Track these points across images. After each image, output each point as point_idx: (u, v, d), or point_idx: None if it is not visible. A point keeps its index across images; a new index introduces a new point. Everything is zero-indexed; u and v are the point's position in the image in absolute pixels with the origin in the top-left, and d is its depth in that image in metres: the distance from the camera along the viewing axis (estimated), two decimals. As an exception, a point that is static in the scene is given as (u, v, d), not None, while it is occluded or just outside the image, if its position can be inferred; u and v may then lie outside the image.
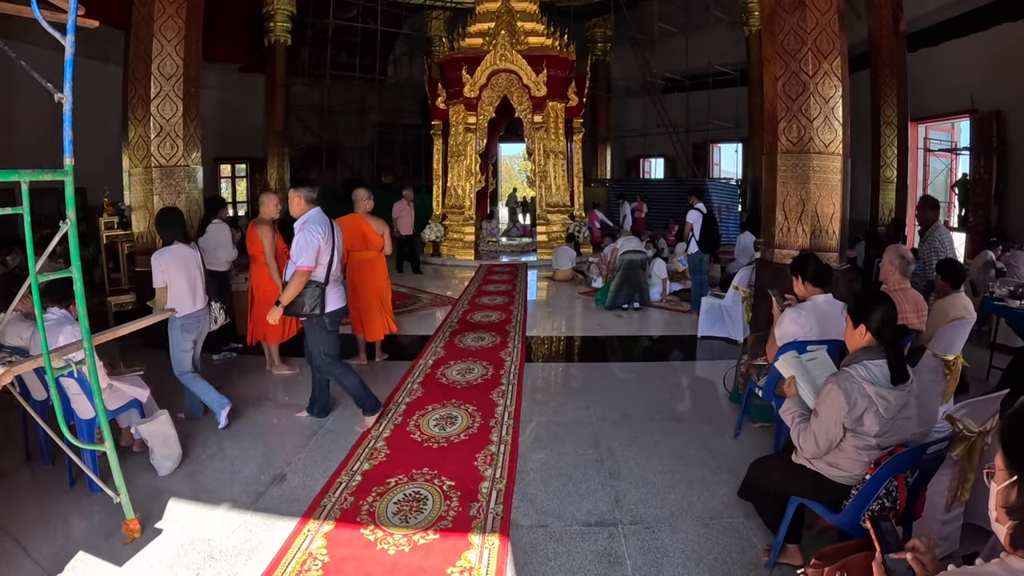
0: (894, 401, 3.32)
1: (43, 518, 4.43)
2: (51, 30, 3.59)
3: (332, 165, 26.35)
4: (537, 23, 18.08)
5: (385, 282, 8.10)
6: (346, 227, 7.32)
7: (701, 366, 8.29)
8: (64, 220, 3.62)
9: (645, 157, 29.83)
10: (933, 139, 17.77)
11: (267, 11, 22.57)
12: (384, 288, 8.07)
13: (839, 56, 7.86)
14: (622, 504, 4.51)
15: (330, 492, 4.67)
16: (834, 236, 8.04)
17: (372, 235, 7.82)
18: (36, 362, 3.74)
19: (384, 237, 7.88)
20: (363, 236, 7.80)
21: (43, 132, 14.53)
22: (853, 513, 3.34)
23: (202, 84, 9.27)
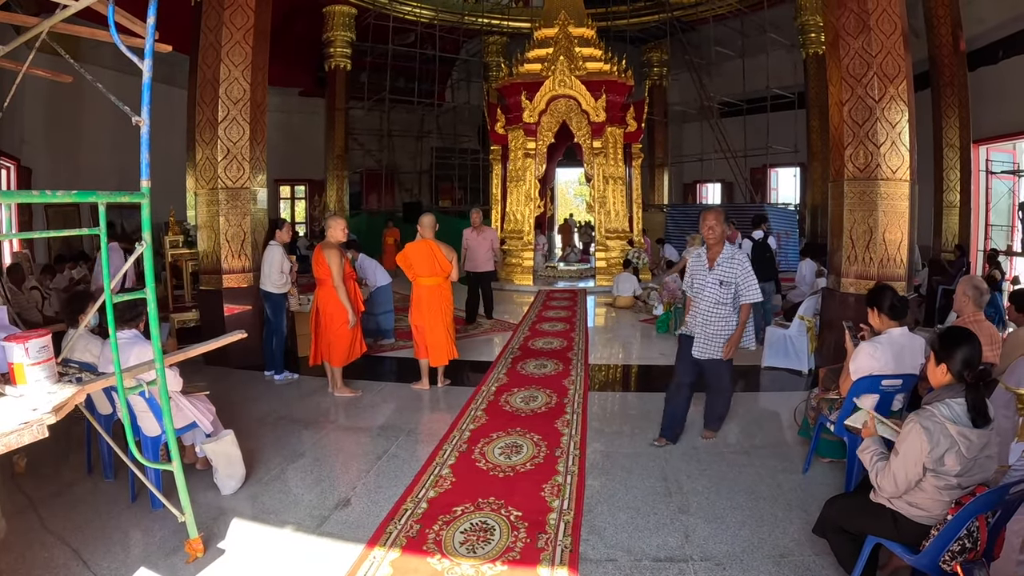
0: (976, 440, 3.22)
1: (104, 533, 4.47)
2: (130, 55, 3.65)
3: (391, 188, 26.60)
4: (595, 48, 18.10)
5: (451, 308, 8.13)
6: (417, 252, 7.90)
7: (765, 397, 8.15)
8: (138, 241, 3.65)
9: (702, 182, 29.63)
10: (994, 160, 17.40)
11: (327, 37, 23.02)
12: (450, 314, 8.10)
13: (905, 80, 7.77)
14: (692, 539, 4.43)
15: (395, 519, 4.64)
16: (902, 265, 7.90)
17: (443, 260, 7.90)
18: (107, 380, 3.77)
19: (452, 263, 7.94)
20: (434, 261, 7.89)
21: (109, 149, 14.99)
22: (933, 554, 3.23)
23: (267, 107, 9.42)
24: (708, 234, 5.90)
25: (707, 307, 5.92)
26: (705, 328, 5.96)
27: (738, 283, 5.86)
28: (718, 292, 5.88)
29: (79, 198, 3.37)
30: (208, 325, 8.93)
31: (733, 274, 5.85)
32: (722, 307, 5.90)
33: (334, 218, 7.75)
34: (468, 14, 25.35)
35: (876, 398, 4.94)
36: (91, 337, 5.29)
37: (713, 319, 5.92)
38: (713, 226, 5.88)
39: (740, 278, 5.85)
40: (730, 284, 5.86)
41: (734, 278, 5.85)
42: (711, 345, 5.96)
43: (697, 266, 6.11)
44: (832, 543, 3.88)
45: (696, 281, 6.08)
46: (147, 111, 3.65)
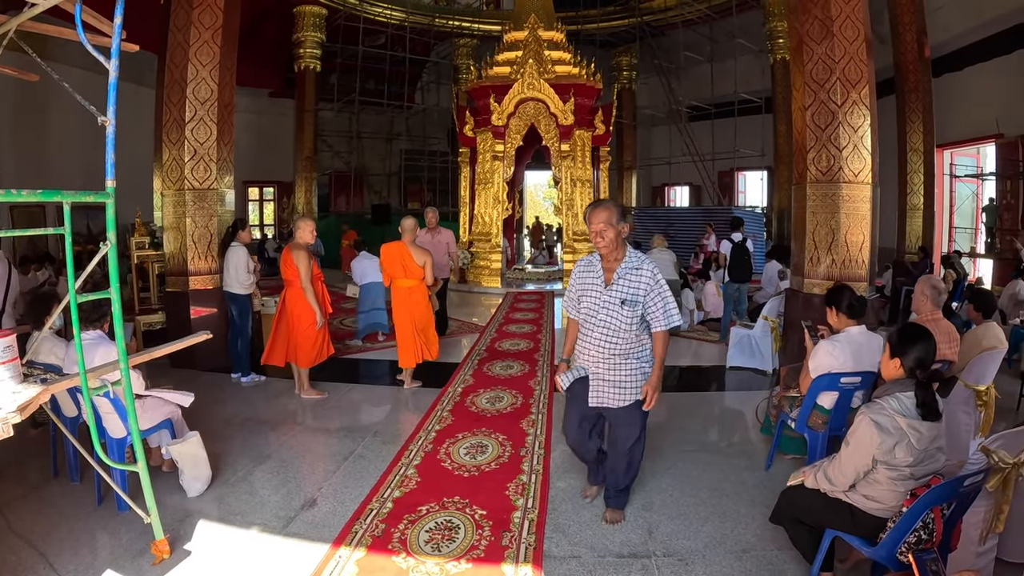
0: (927, 433, 3.30)
1: (71, 535, 4.44)
2: (97, 54, 3.65)
3: (360, 190, 26.55)
4: (564, 52, 18.18)
5: (423, 310, 8.11)
6: (388, 254, 8.01)
7: (730, 397, 8.25)
8: (102, 241, 3.65)
9: (670, 185, 29.81)
10: (958, 164, 17.72)
11: (297, 38, 22.95)
12: (421, 316, 8.08)
13: (867, 85, 7.88)
14: (655, 536, 4.48)
15: (361, 519, 4.66)
16: (863, 266, 8.01)
17: (411, 264, 7.90)
18: (72, 381, 3.75)
19: (425, 268, 7.92)
20: (403, 265, 7.92)
21: (76, 149, 14.87)
22: (890, 546, 3.30)
23: (235, 108, 9.37)
24: (598, 241, 4.34)
25: (604, 336, 4.40)
26: (603, 365, 4.46)
27: (647, 303, 4.35)
28: (619, 315, 4.34)
29: (44, 198, 3.36)
30: (174, 327, 8.86)
31: (639, 290, 4.32)
32: (625, 335, 4.39)
33: (303, 219, 7.74)
34: (439, 16, 25.35)
35: (836, 396, 5.03)
36: (56, 339, 5.27)
37: (614, 353, 4.42)
38: (603, 230, 4.30)
39: (650, 296, 4.34)
40: (635, 304, 4.33)
41: (640, 295, 4.32)
42: (614, 390, 4.46)
43: (587, 280, 4.55)
44: (790, 533, 3.94)
45: (587, 301, 4.52)
46: (113, 111, 3.65)
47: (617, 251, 4.43)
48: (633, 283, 4.37)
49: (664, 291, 4.40)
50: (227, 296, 8.38)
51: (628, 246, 4.51)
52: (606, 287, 4.46)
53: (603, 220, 4.31)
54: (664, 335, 4.48)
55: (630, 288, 4.37)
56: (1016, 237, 14.27)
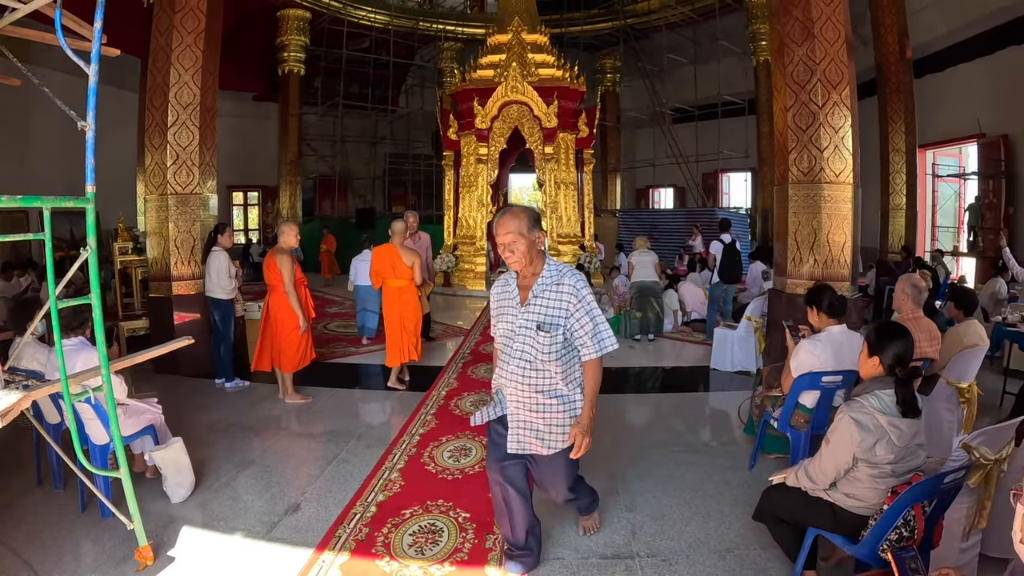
0: (907, 429, 3.32)
1: (55, 543, 4.42)
2: (76, 59, 3.64)
3: (344, 195, 26.51)
4: (548, 55, 18.20)
5: (410, 310, 8.30)
6: (379, 256, 8.36)
7: (715, 397, 8.27)
8: (84, 247, 3.64)
9: (655, 187, 29.89)
10: (941, 164, 17.85)
11: (281, 41, 22.91)
12: (408, 316, 8.26)
13: (848, 86, 7.93)
14: (639, 537, 4.49)
15: (345, 523, 4.65)
16: (845, 265, 8.05)
17: (400, 265, 8.16)
18: (53, 387, 3.74)
19: (414, 268, 8.17)
20: (392, 266, 8.19)
21: (59, 153, 14.79)
22: (871, 544, 3.32)
23: (217, 112, 9.36)
24: (508, 256, 3.63)
25: (521, 369, 3.68)
26: (523, 405, 3.75)
27: (572, 326, 3.64)
28: (536, 343, 3.63)
29: (24, 203, 3.35)
30: (158, 333, 8.83)
31: (559, 310, 3.61)
32: (546, 367, 3.66)
33: (287, 224, 7.73)
34: (423, 20, 25.37)
35: (817, 394, 5.05)
36: (38, 345, 5.24)
37: (535, 390, 3.68)
38: (512, 242, 3.60)
39: (575, 316, 3.63)
40: (555, 327, 3.60)
41: (560, 317, 3.61)
42: (536, 435, 3.76)
43: (503, 300, 3.86)
44: (773, 532, 3.96)
45: (503, 324, 3.83)
46: (93, 116, 3.63)
47: (533, 265, 3.69)
48: (552, 302, 3.63)
49: (592, 309, 3.66)
50: (209, 301, 8.34)
51: (547, 258, 3.76)
52: (521, 308, 3.71)
53: (512, 230, 3.59)
54: (595, 364, 3.73)
55: (547, 309, 3.63)
56: (999, 235, 14.37)
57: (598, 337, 3.66)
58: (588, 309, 3.64)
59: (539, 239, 3.70)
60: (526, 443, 3.77)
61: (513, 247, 3.61)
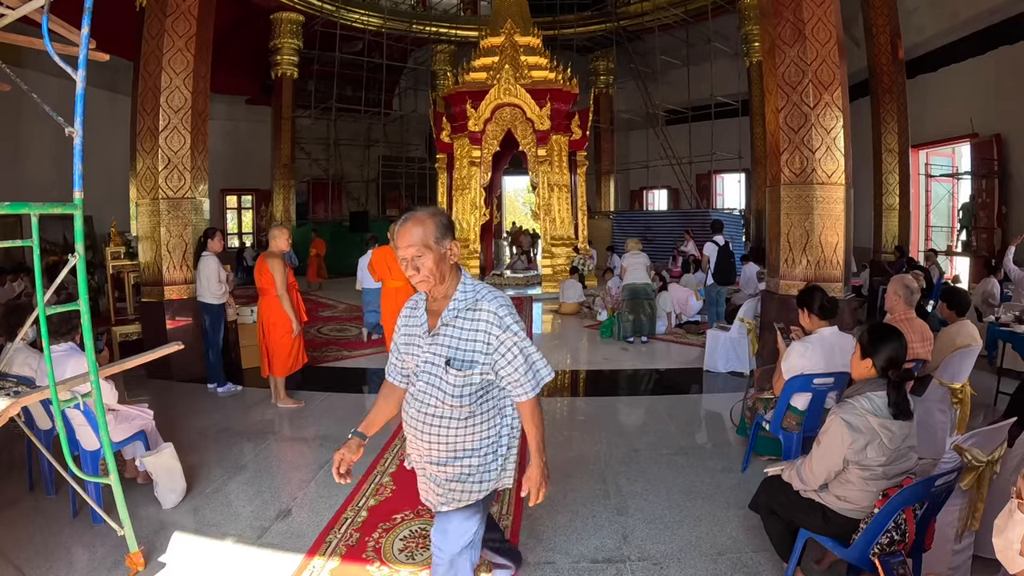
0: (898, 432, 3.31)
1: (46, 549, 4.41)
2: (63, 64, 3.63)
3: (338, 198, 26.48)
4: (540, 57, 18.25)
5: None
6: (379, 256, 8.85)
7: (707, 399, 8.27)
8: (72, 253, 3.63)
9: (648, 189, 29.88)
10: (934, 164, 17.88)
11: (274, 44, 22.86)
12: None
13: (840, 87, 7.92)
14: (630, 540, 4.48)
15: (335, 528, 4.64)
16: (838, 266, 8.05)
17: (396, 267, 8.31)
18: (42, 394, 3.73)
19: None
20: (389, 267, 8.58)
21: (53, 157, 14.76)
22: (862, 547, 3.31)
23: (209, 116, 9.34)
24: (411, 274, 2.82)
25: (423, 412, 2.93)
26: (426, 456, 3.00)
27: (495, 361, 2.85)
28: (444, 381, 2.85)
29: (11, 210, 3.34)
30: (150, 337, 8.80)
31: (474, 342, 2.82)
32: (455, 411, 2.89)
33: (278, 228, 7.72)
34: (416, 22, 25.35)
35: (809, 396, 5.05)
36: (29, 351, 5.21)
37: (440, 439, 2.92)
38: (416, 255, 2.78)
39: (500, 350, 2.83)
40: (468, 364, 2.83)
41: (478, 351, 2.82)
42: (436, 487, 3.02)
43: (411, 327, 3.08)
44: (764, 524, 3.96)
45: (408, 358, 3.08)
46: (80, 122, 3.62)
47: (444, 284, 2.87)
48: (466, 332, 2.84)
49: (520, 340, 2.85)
50: (200, 306, 8.33)
51: (462, 275, 2.96)
52: (428, 338, 2.93)
53: (414, 241, 2.76)
54: (531, 406, 2.95)
55: (460, 341, 2.83)
56: (993, 235, 14.42)
57: (533, 372, 2.90)
58: (516, 340, 2.84)
59: (451, 252, 2.85)
60: (427, 493, 3.11)
61: (417, 263, 2.79)
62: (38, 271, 3.58)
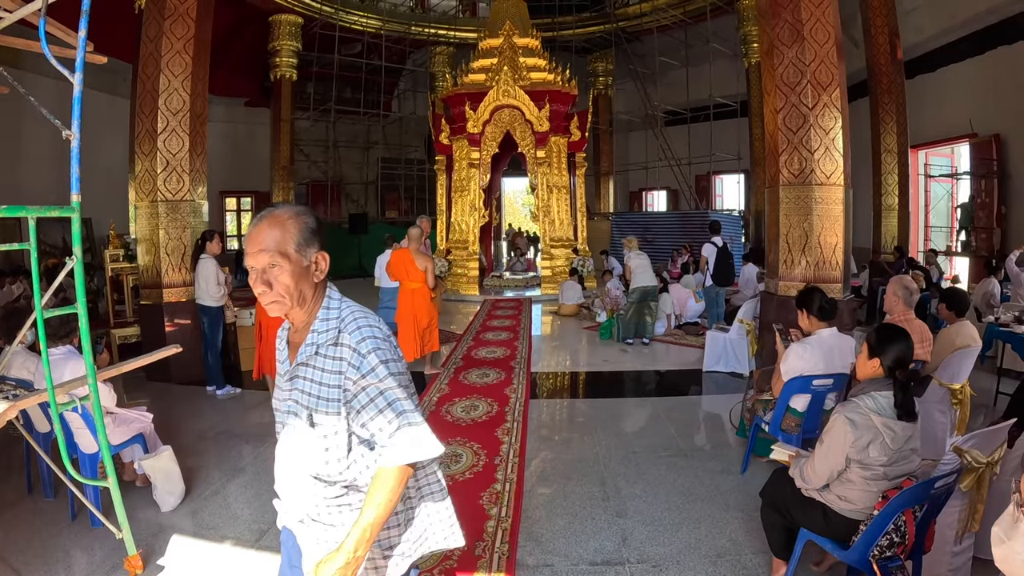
0: (901, 432, 3.31)
1: (45, 552, 4.41)
2: (60, 67, 3.62)
3: (337, 200, 26.46)
4: (539, 58, 18.26)
5: (423, 311, 8.86)
6: (396, 258, 8.99)
7: (707, 401, 8.26)
8: (71, 256, 3.63)
9: (648, 190, 29.83)
10: (933, 164, 17.88)
11: (273, 46, 22.82)
12: (421, 316, 8.83)
13: (838, 87, 7.93)
14: (629, 542, 4.47)
15: (334, 530, 4.61)
16: (837, 267, 8.05)
17: (413, 269, 8.76)
18: (40, 397, 3.73)
19: (427, 272, 8.77)
20: (405, 269, 8.81)
21: (52, 159, 14.75)
22: (862, 549, 3.30)
23: (208, 118, 9.34)
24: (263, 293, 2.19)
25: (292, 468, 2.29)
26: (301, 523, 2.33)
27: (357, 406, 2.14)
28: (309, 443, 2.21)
29: (9, 213, 3.33)
30: (149, 340, 8.80)
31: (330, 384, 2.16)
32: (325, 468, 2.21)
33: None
34: (415, 24, 25.32)
35: (808, 398, 5.05)
36: (28, 354, 5.21)
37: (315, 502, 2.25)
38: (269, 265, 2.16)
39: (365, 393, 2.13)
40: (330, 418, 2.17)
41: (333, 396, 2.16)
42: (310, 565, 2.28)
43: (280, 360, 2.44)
44: (763, 515, 3.98)
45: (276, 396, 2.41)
46: (77, 125, 3.62)
47: (305, 308, 2.23)
48: (327, 375, 2.16)
49: (388, 386, 2.11)
50: (199, 308, 8.33)
51: (329, 294, 2.28)
52: (286, 378, 2.31)
53: (267, 246, 2.14)
54: (393, 476, 2.09)
55: (320, 386, 2.16)
56: (991, 235, 14.43)
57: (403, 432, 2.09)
58: (382, 387, 2.11)
59: (317, 265, 2.22)
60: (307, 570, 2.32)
61: (270, 275, 2.15)
62: (35, 275, 3.58)
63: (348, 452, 2.20)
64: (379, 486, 2.09)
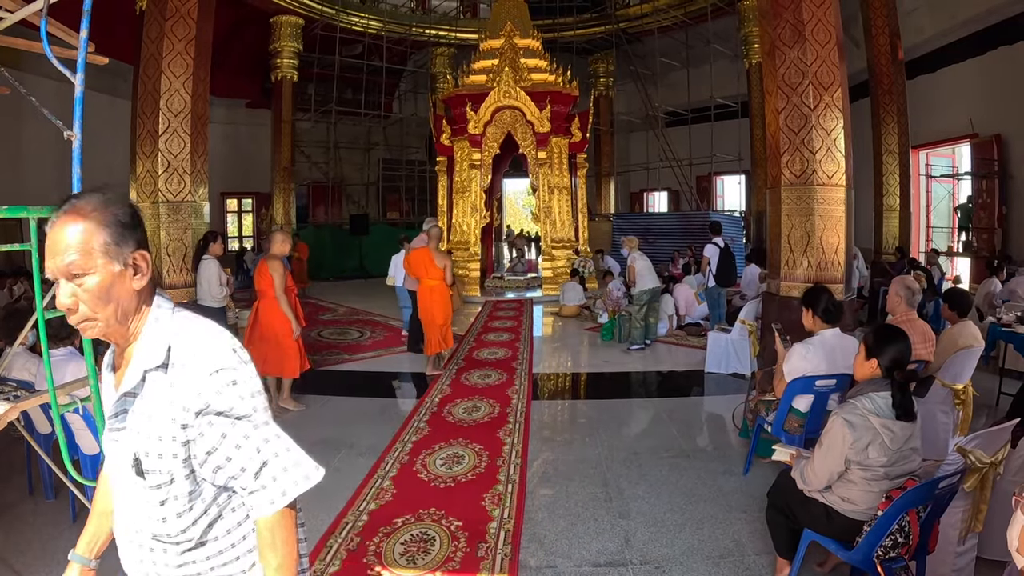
0: (899, 432, 3.30)
1: (45, 553, 4.40)
2: (61, 68, 3.61)
3: (338, 201, 26.46)
4: (540, 59, 18.27)
5: (440, 307, 9.11)
6: (416, 257, 9.32)
7: (709, 401, 8.25)
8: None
9: (648, 191, 29.83)
10: (934, 165, 17.87)
11: (274, 48, 22.88)
12: (441, 311, 9.10)
13: (840, 88, 7.90)
14: (632, 544, 4.46)
15: (336, 532, 4.62)
16: (839, 268, 8.02)
17: (432, 267, 9.08)
18: (41, 397, 3.72)
19: (445, 270, 9.12)
20: (425, 267, 9.12)
21: (53, 162, 14.75)
22: (866, 550, 3.29)
23: (209, 119, 9.33)
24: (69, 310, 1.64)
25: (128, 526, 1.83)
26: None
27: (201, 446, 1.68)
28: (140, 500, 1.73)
29: (10, 213, 3.33)
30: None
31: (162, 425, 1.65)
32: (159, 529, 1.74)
33: (280, 232, 7.74)
34: (416, 25, 25.34)
35: (811, 398, 5.03)
36: (29, 355, 5.21)
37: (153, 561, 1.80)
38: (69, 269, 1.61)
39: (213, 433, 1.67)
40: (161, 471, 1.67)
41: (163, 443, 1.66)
42: None
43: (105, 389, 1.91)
44: (768, 516, 3.94)
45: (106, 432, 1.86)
46: (79, 125, 3.61)
47: (127, 324, 1.76)
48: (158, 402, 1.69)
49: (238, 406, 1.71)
50: (200, 310, 8.28)
51: (158, 299, 1.82)
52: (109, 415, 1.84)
53: (72, 248, 1.64)
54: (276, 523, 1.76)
55: (147, 417, 1.70)
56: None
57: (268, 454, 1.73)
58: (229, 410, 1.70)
59: (139, 267, 1.75)
60: None
61: (77, 287, 1.66)
62: (36, 275, 3.57)
63: (193, 504, 1.74)
64: (265, 540, 1.76)
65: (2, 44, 4.80)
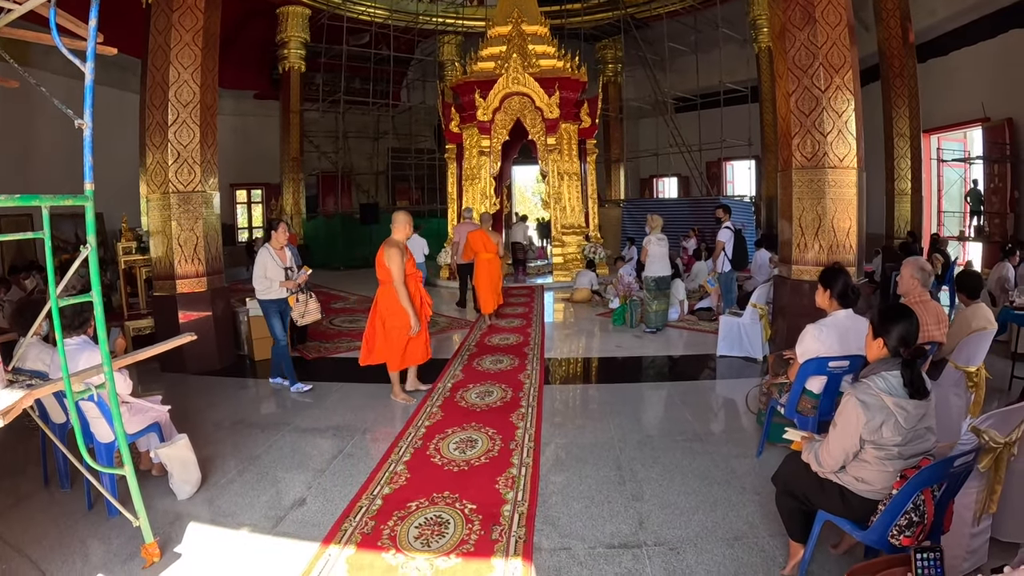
0: (913, 411, 3.28)
1: (61, 542, 4.43)
2: (72, 57, 3.63)
3: (347, 191, 26.48)
4: (548, 46, 18.19)
5: (498, 275, 12.10)
6: (475, 237, 12.24)
7: (721, 385, 8.23)
8: (84, 245, 3.63)
9: (658, 177, 29.77)
10: (946, 149, 17.77)
11: (281, 38, 22.86)
12: (496, 278, 11.99)
13: (851, 70, 7.88)
14: (646, 526, 4.46)
15: (351, 516, 4.64)
16: (851, 251, 8.01)
17: (490, 243, 12.06)
18: (56, 386, 3.73)
19: (499, 245, 12.34)
20: (484, 244, 12.02)
21: (62, 157, 14.80)
22: (881, 529, 3.29)
23: (217, 111, 9.34)
24: None
25: None
26: None
27: None
28: None
29: (22, 202, 3.34)
30: (163, 331, 8.82)
31: None
32: None
33: (399, 213, 7.47)
34: (422, 14, 25.24)
35: (824, 380, 5.02)
36: (43, 346, 5.23)
37: None
38: None
39: None
40: None
41: None
42: None
43: None
44: (778, 500, 3.94)
45: None
46: (90, 114, 3.62)
47: None
48: None
49: None
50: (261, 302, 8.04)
51: None
52: None
53: None
54: None
55: None
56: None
57: None
58: None
59: None
60: None
61: None
62: (50, 264, 3.58)
63: None
64: None
65: (11, 36, 4.81)
